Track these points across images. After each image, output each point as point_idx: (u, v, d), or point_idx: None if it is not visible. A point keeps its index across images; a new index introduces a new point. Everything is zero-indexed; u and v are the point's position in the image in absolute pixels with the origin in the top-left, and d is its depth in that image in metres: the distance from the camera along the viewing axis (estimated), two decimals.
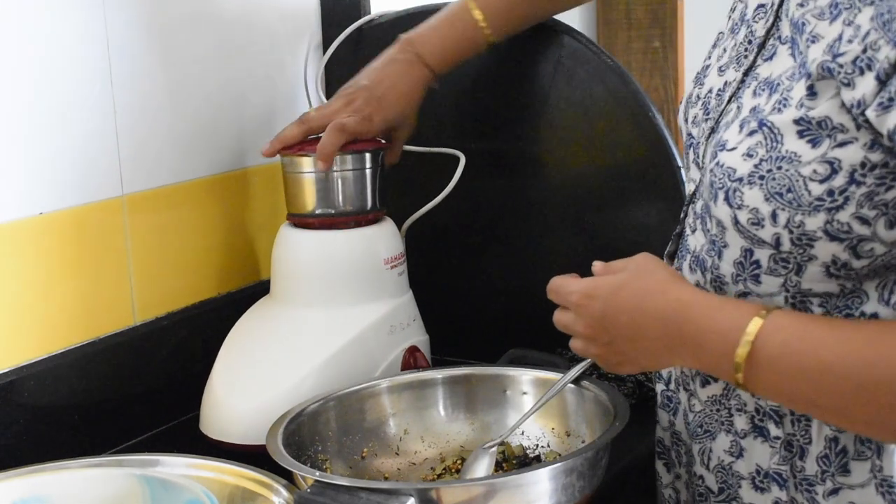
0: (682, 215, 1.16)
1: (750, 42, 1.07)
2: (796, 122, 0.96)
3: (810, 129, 0.95)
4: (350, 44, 1.63)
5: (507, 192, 1.58)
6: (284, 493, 1.08)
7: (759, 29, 1.06)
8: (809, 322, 0.97)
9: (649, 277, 1.05)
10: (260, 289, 1.48)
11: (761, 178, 0.97)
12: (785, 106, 0.97)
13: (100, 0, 1.35)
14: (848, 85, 0.92)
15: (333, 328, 1.37)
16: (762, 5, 1.07)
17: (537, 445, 1.27)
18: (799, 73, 0.98)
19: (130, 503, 1.08)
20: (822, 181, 0.94)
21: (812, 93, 0.95)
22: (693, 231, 1.11)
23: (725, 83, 1.09)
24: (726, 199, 1.00)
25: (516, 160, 1.52)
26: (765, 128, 0.98)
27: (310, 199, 1.40)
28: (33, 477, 1.11)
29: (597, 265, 1.10)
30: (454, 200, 1.51)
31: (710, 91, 1.11)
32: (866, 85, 0.91)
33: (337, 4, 1.66)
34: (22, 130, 1.28)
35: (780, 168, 0.96)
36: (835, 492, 1.03)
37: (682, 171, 1.45)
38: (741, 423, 1.08)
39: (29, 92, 1.29)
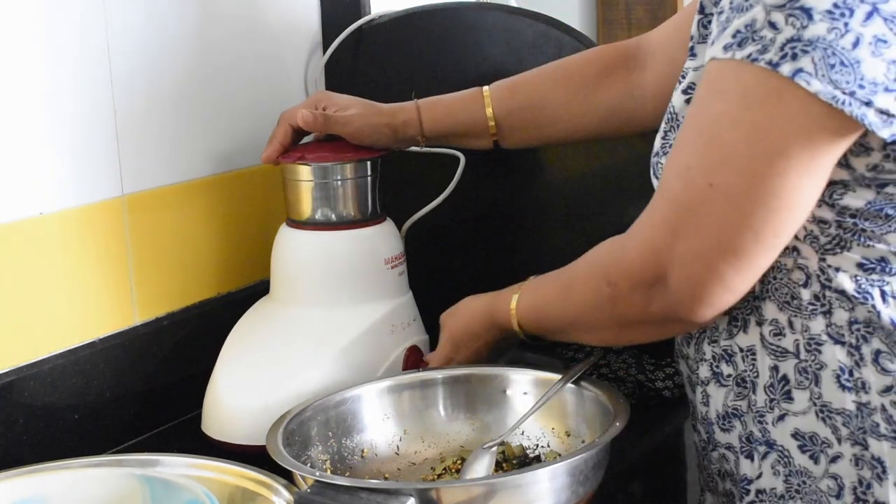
0: None
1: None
2: (684, 91, 1.11)
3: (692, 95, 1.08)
4: (350, 44, 1.63)
5: (507, 192, 1.58)
6: (284, 493, 1.08)
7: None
8: (538, 279, 1.26)
9: (458, 317, 1.34)
10: (260, 289, 1.48)
11: (670, 146, 1.11)
12: (682, 78, 1.13)
13: (100, 0, 1.35)
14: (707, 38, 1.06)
15: (333, 328, 1.37)
16: None
17: (537, 445, 1.27)
18: (688, 46, 1.13)
19: (130, 503, 1.08)
20: None
21: (693, 54, 1.11)
22: None
23: None
24: (653, 172, 1.15)
25: (516, 160, 1.52)
26: (668, 108, 1.14)
27: (309, 207, 1.40)
28: (33, 477, 1.11)
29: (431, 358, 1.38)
30: (454, 201, 1.51)
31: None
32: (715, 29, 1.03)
33: (337, 4, 1.66)
34: (22, 130, 1.28)
35: (675, 137, 1.09)
36: (781, 418, 1.09)
37: None
38: (704, 371, 1.16)
39: (29, 92, 1.29)
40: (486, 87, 1.40)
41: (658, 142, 1.16)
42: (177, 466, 1.15)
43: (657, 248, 1.07)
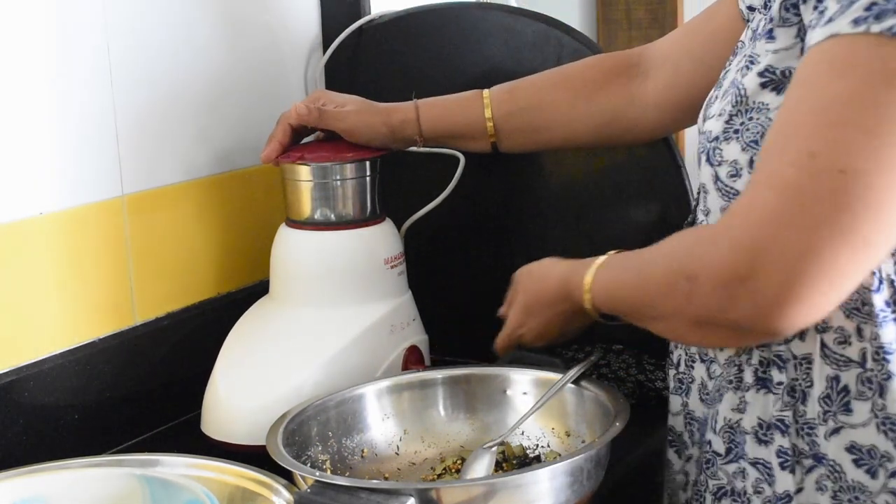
0: (693, 204, 1.17)
1: (744, 43, 1.12)
2: (760, 74, 1.04)
3: (773, 79, 1.03)
4: (350, 44, 1.63)
5: (507, 192, 1.58)
6: (284, 493, 1.08)
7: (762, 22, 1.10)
8: (618, 256, 1.15)
9: (533, 283, 1.24)
10: (260, 289, 1.48)
11: (735, 131, 1.05)
12: (752, 63, 1.06)
13: (100, 1, 1.35)
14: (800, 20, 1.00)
15: (333, 328, 1.37)
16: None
17: (537, 445, 1.27)
18: (764, 29, 1.05)
19: (130, 503, 1.08)
20: None
21: (771, 37, 1.04)
22: (707, 213, 1.13)
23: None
24: (707, 159, 1.08)
25: (516, 161, 1.52)
26: (734, 88, 1.06)
27: (308, 207, 1.40)
28: (33, 477, 1.11)
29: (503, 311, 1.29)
30: (454, 201, 1.51)
31: (727, 89, 1.13)
32: (807, 13, 0.98)
33: (337, 4, 1.66)
34: (22, 130, 1.28)
35: (751, 119, 1.04)
36: (836, 431, 1.04)
37: (685, 171, 1.45)
38: (748, 376, 1.09)
39: (29, 92, 1.29)
40: (486, 90, 1.40)
41: (719, 125, 1.07)
42: (177, 466, 1.15)
43: (757, 243, 0.95)
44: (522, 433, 1.27)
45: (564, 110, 1.38)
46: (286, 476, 1.10)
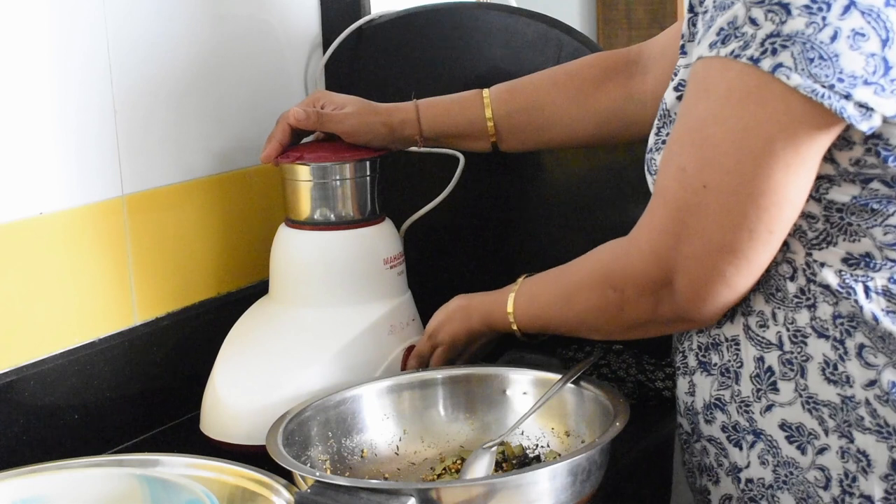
0: None
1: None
2: (675, 88, 1.12)
3: (685, 92, 1.08)
4: (350, 44, 1.63)
5: (506, 192, 1.58)
6: (284, 493, 1.08)
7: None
8: (533, 282, 1.26)
9: (455, 320, 1.33)
10: (259, 289, 1.48)
11: (663, 142, 1.13)
12: (674, 76, 1.13)
13: (100, 1, 1.35)
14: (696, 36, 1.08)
15: (333, 328, 1.37)
16: None
17: (537, 445, 1.27)
18: (679, 45, 1.13)
19: (130, 503, 1.08)
20: None
21: (683, 52, 1.12)
22: None
23: None
24: (647, 168, 1.16)
25: (516, 160, 1.52)
26: (661, 104, 1.15)
27: (308, 207, 1.40)
28: (33, 477, 1.11)
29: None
30: (454, 201, 1.51)
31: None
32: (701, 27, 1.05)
33: (337, 4, 1.66)
34: (22, 130, 1.28)
35: (668, 133, 1.11)
36: (769, 409, 1.11)
37: None
38: (692, 361, 1.18)
39: (29, 92, 1.29)
40: (486, 90, 1.41)
41: (652, 138, 1.16)
42: (177, 466, 1.15)
43: (660, 253, 1.08)
44: (522, 433, 1.27)
45: (564, 109, 1.39)
46: (286, 476, 1.10)
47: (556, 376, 1.26)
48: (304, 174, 1.39)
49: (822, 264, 1.06)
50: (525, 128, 1.41)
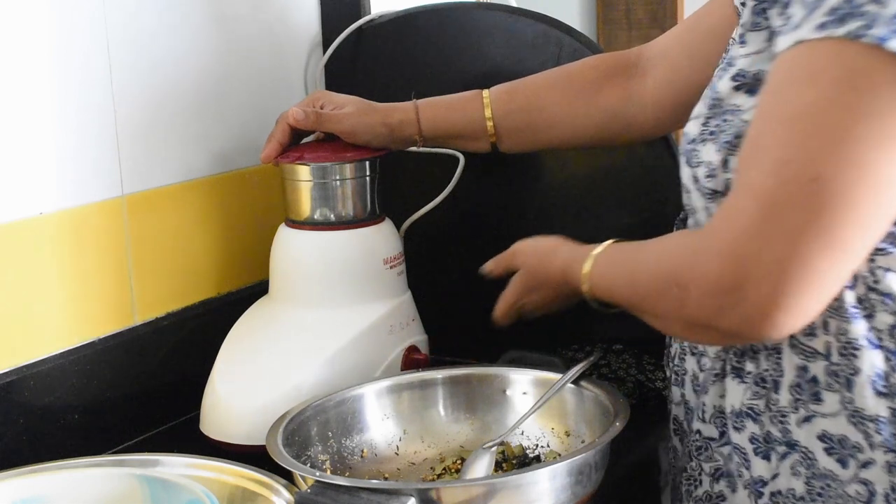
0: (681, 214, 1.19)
1: (732, 42, 1.13)
2: (733, 78, 1.06)
3: (746, 82, 1.05)
4: (350, 44, 1.63)
5: (506, 192, 1.58)
6: (284, 493, 1.08)
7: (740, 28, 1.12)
8: (613, 250, 1.16)
9: (539, 260, 1.26)
10: (260, 289, 1.48)
11: (711, 133, 1.06)
12: (729, 66, 1.08)
13: (100, 1, 1.35)
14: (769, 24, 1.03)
15: (333, 328, 1.37)
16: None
17: (537, 445, 1.27)
18: (738, 34, 1.08)
19: (130, 503, 1.08)
20: None
21: (743, 41, 1.06)
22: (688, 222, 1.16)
23: None
24: (687, 161, 1.09)
25: (516, 160, 1.52)
26: (710, 91, 1.09)
27: (308, 207, 1.40)
28: (33, 477, 1.11)
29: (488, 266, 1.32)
30: (454, 201, 1.52)
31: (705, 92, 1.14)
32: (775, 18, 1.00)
33: (337, 4, 1.66)
34: (22, 130, 1.28)
35: (725, 121, 1.05)
36: (807, 420, 1.05)
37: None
38: (727, 366, 1.12)
39: (29, 92, 1.29)
40: (485, 90, 1.40)
41: (695, 128, 1.09)
42: (177, 466, 1.15)
43: (742, 254, 0.96)
44: (522, 433, 1.27)
45: (564, 110, 1.38)
46: (286, 476, 1.10)
47: (556, 376, 1.26)
48: (304, 174, 1.39)
49: (887, 270, 1.00)
50: (524, 128, 1.40)
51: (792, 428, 1.06)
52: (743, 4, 1.14)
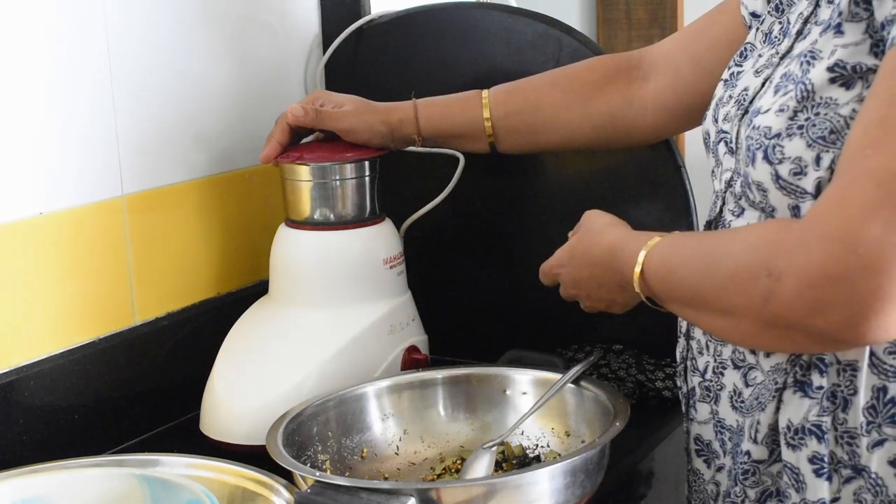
0: (716, 206, 1.14)
1: (785, 34, 1.09)
2: (829, 69, 0.98)
3: (843, 75, 0.98)
4: (350, 44, 1.63)
5: (506, 192, 1.58)
6: (284, 493, 1.08)
7: (796, 19, 1.08)
8: (682, 236, 1.09)
9: (589, 234, 1.21)
10: (259, 289, 1.48)
11: (800, 127, 0.99)
12: (816, 59, 1.00)
13: (100, 1, 1.35)
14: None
15: (333, 328, 1.37)
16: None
17: (537, 445, 1.27)
18: (830, 25, 1.00)
19: (130, 503, 1.08)
20: None
21: (840, 31, 0.98)
22: (739, 214, 1.09)
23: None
24: (765, 157, 1.01)
25: (515, 160, 1.52)
26: (798, 84, 1.00)
27: (308, 207, 1.40)
28: (33, 477, 1.11)
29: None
30: (453, 201, 1.51)
31: (745, 89, 1.11)
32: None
33: (337, 4, 1.66)
34: (22, 131, 1.28)
35: (818, 115, 0.98)
36: (880, 444, 0.99)
37: (685, 171, 1.45)
38: (788, 379, 1.04)
39: (29, 92, 1.29)
40: (485, 90, 1.40)
41: (780, 123, 1.00)
42: (177, 466, 1.15)
43: (852, 236, 0.88)
44: (522, 433, 1.27)
45: (563, 112, 1.38)
46: (286, 476, 1.10)
47: (556, 376, 1.26)
48: (303, 174, 1.39)
49: None
50: (523, 129, 1.40)
51: (861, 451, 1.00)
52: (752, 15, 1.14)
